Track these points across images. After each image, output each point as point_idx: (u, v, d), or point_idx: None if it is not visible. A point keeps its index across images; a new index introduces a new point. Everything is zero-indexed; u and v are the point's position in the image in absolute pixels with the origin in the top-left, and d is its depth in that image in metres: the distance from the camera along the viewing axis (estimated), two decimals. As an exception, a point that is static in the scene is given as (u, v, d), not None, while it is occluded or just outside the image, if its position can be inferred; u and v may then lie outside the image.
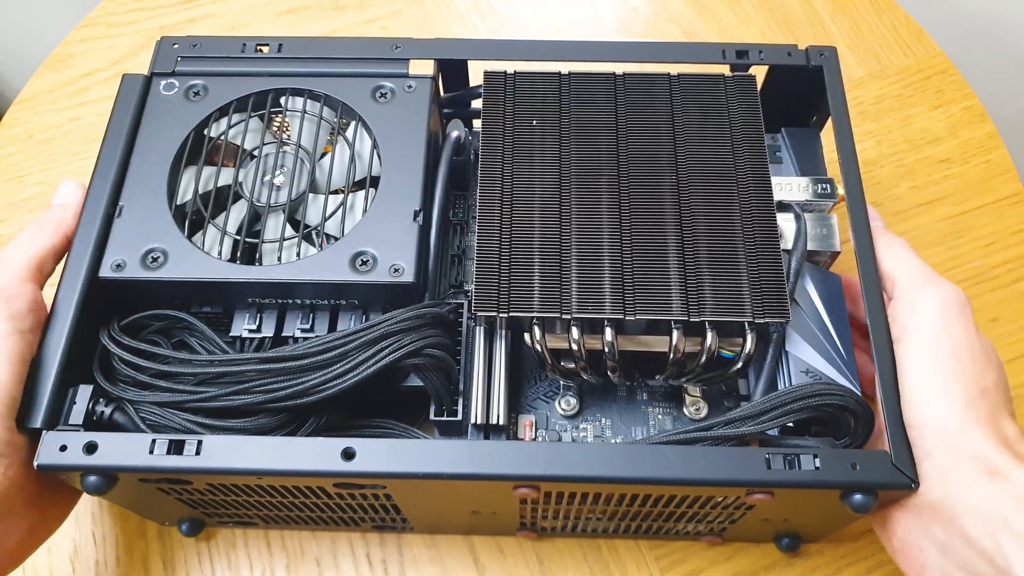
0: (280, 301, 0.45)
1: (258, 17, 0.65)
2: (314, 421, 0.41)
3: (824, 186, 0.48)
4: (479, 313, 0.42)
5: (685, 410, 0.46)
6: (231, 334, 0.45)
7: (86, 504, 0.50)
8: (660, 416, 0.46)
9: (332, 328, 0.44)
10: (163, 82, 0.49)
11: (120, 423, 0.41)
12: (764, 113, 0.47)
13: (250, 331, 0.45)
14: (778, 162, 0.51)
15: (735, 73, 0.49)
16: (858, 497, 0.38)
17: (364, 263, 0.43)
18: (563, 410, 0.46)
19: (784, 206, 0.47)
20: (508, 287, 0.42)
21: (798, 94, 0.51)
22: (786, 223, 0.47)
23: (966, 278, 0.56)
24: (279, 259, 0.44)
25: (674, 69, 0.49)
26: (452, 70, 0.52)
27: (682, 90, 0.48)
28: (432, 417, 0.44)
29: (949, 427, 0.37)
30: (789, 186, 0.48)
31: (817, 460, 0.38)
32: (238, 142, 0.48)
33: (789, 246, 0.46)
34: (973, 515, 0.36)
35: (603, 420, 0.46)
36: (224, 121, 0.48)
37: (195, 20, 0.65)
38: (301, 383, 0.40)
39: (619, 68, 0.49)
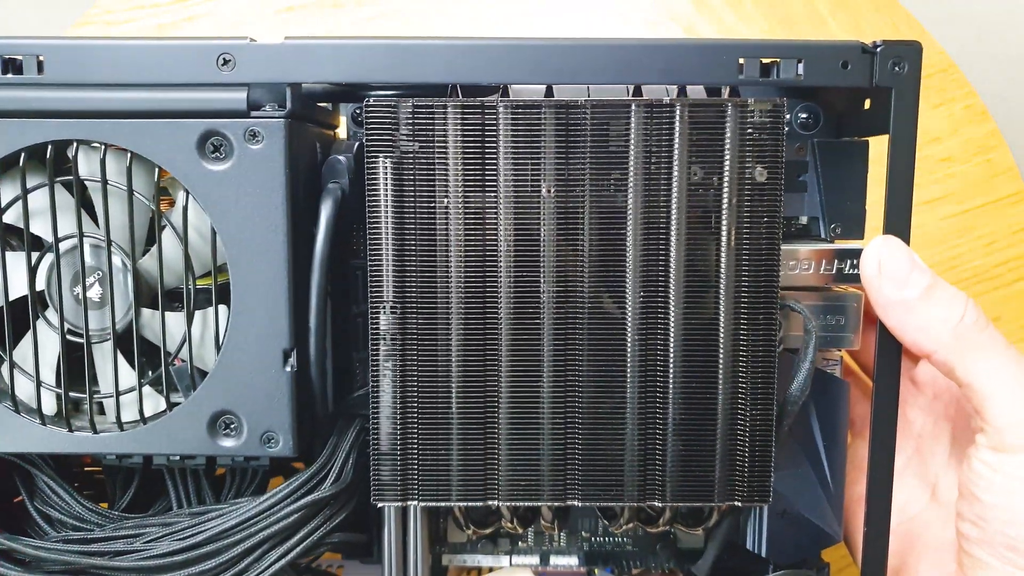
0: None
1: (257, 15, 0.61)
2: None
3: (853, 262, 0.35)
4: (381, 504, 0.33)
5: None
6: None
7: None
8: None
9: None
10: None
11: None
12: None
13: (111, 473, 0.36)
14: (800, 189, 0.36)
15: (752, 102, 0.31)
16: None
17: (227, 426, 0.33)
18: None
19: (793, 308, 0.34)
20: (418, 467, 0.33)
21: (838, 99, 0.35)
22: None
23: (967, 277, 0.57)
24: (118, 423, 0.33)
25: (661, 91, 0.32)
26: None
27: (660, 134, 0.31)
28: None
29: None
30: (805, 263, 0.35)
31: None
32: (22, 226, 0.33)
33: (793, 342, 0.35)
34: None
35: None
36: (-8, 196, 0.33)
37: (193, 18, 0.61)
38: (172, 597, 0.34)
39: (576, 92, 0.32)
